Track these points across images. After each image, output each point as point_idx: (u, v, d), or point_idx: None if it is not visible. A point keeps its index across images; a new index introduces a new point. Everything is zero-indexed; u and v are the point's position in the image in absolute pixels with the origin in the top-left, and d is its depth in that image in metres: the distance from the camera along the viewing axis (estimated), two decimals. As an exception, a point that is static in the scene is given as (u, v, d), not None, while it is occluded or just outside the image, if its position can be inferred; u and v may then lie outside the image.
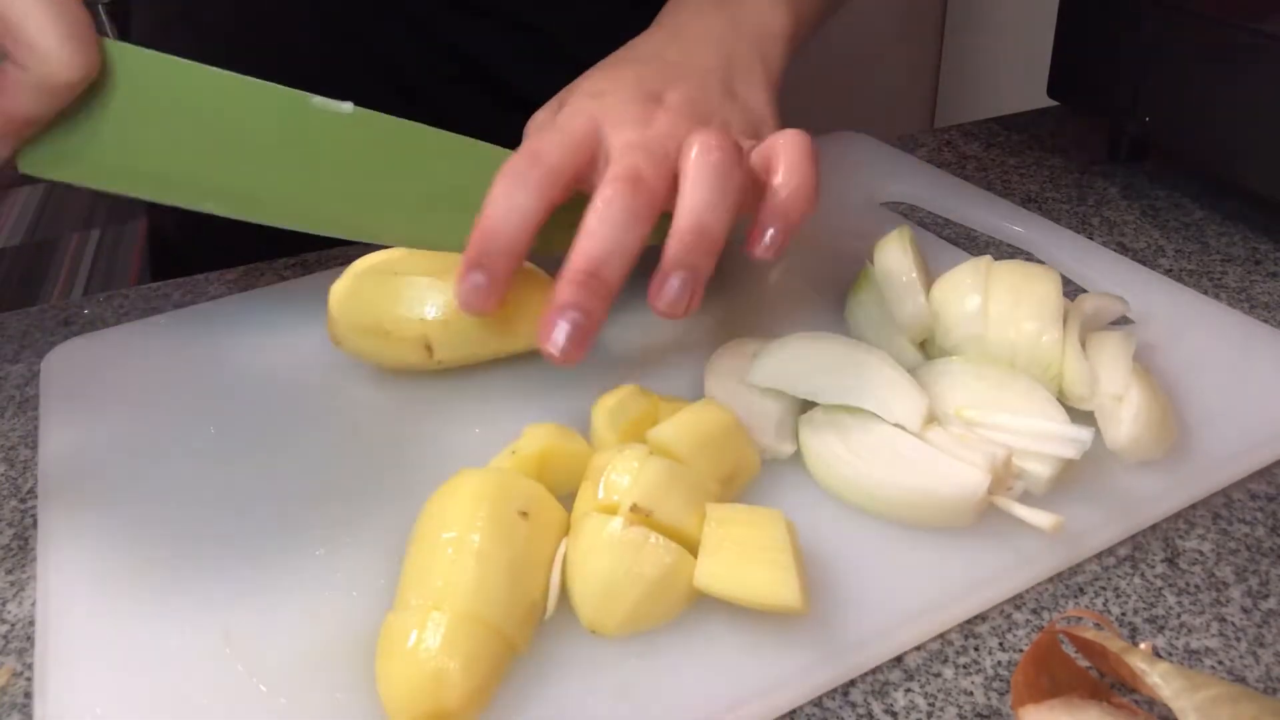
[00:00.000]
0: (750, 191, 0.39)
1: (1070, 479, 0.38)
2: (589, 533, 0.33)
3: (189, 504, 0.39)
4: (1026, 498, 0.37)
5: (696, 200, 0.37)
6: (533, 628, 0.32)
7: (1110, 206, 0.60)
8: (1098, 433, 0.38)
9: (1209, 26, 0.53)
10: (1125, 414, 0.38)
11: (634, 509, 0.32)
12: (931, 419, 0.37)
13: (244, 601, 0.35)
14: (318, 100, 0.37)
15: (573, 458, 0.37)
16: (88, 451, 0.42)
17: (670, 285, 0.37)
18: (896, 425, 0.37)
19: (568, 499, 0.35)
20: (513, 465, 0.36)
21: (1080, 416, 0.39)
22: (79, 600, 0.35)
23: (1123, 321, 0.47)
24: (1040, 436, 0.37)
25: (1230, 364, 0.45)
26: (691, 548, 0.33)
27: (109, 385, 0.46)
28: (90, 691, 0.32)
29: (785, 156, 0.39)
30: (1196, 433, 0.41)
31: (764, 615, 0.33)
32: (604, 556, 0.32)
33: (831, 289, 0.50)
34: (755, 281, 0.51)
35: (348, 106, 0.38)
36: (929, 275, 0.45)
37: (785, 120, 0.45)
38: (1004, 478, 0.36)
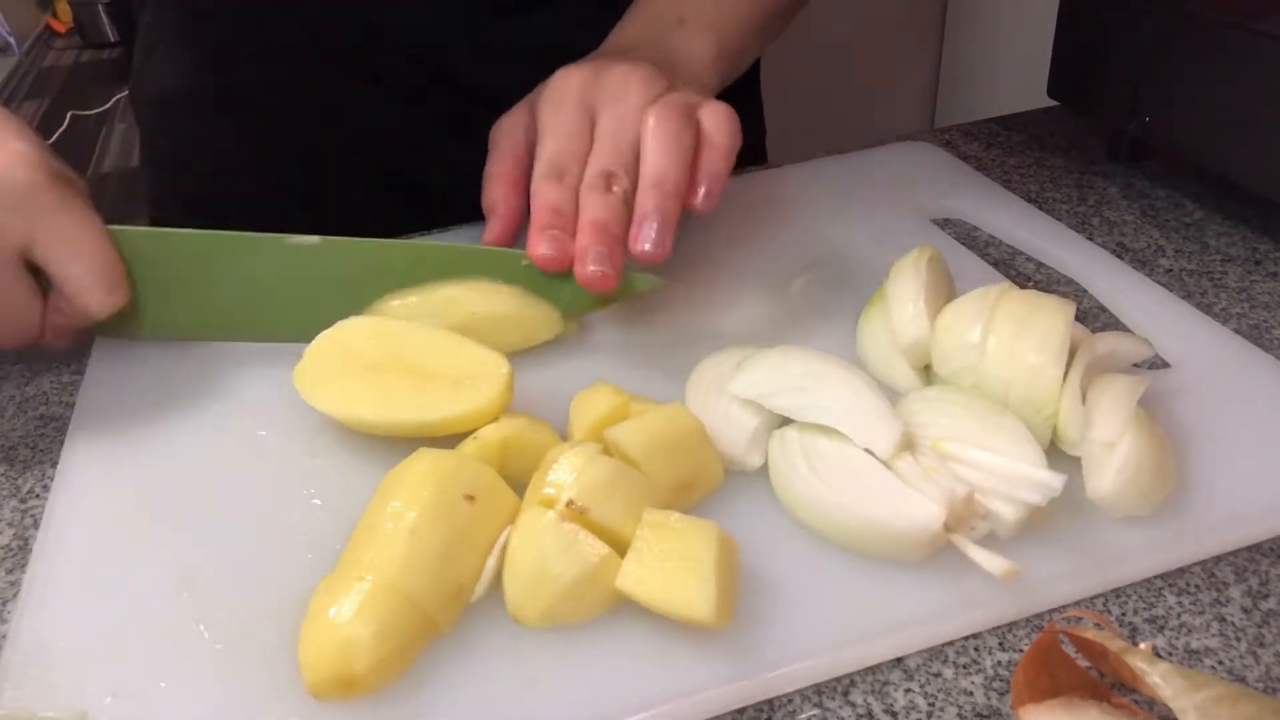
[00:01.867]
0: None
1: (1047, 525, 0.36)
2: (525, 523, 0.33)
3: (186, 456, 0.42)
4: (992, 539, 0.35)
5: (657, 158, 0.45)
6: (459, 608, 0.33)
7: (1110, 206, 0.60)
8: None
9: (1209, 26, 0.53)
10: (1112, 463, 0.36)
11: (569, 505, 0.33)
12: (906, 447, 0.36)
13: (212, 550, 0.37)
14: (292, 239, 0.46)
15: (536, 448, 0.37)
16: (126, 395, 0.46)
17: (646, 230, 0.44)
18: (867, 451, 0.36)
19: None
20: (474, 450, 0.37)
21: (1075, 463, 0.37)
22: (77, 526, 0.38)
23: (1159, 364, 0.45)
24: (1008, 478, 0.35)
25: (1264, 425, 0.41)
26: (625, 550, 0.33)
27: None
28: (66, 611, 0.35)
29: (708, 121, 0.47)
30: (1200, 492, 0.38)
31: (685, 626, 0.32)
32: (533, 548, 0.33)
33: (856, 302, 0.48)
34: (777, 289, 0.51)
35: (315, 239, 0.46)
36: (954, 297, 0.43)
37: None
38: (965, 516, 0.35)
